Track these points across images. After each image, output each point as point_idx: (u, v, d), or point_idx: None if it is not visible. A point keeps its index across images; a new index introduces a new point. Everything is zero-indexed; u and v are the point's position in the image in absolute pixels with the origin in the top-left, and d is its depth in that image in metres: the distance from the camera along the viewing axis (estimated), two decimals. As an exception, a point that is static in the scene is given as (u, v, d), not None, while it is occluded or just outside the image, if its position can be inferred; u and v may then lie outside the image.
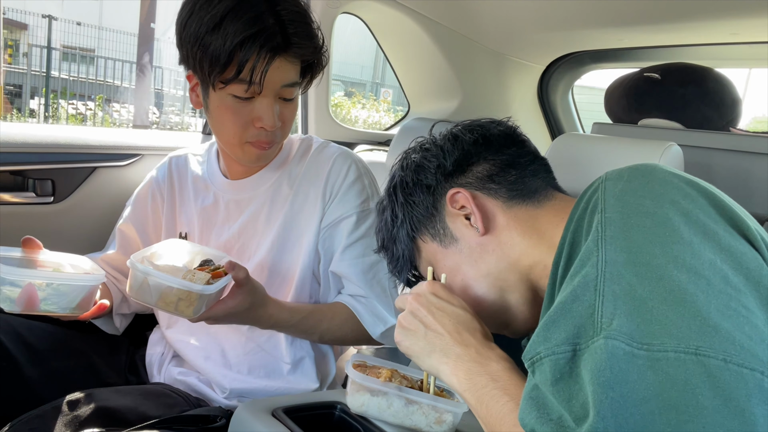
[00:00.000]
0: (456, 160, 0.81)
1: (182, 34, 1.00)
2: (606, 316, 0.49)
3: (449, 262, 0.81)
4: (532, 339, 0.55)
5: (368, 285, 1.14)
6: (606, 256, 0.53)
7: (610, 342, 0.48)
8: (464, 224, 0.79)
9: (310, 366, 1.17)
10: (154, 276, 0.91)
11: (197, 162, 1.26)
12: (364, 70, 14.69)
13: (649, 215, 0.54)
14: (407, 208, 0.84)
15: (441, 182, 0.82)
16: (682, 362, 0.45)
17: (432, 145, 0.85)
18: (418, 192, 0.83)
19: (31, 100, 9.46)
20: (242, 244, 1.16)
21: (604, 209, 0.56)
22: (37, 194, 1.43)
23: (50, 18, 9.50)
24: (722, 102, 1.38)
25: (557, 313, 0.53)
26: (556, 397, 0.51)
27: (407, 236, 0.84)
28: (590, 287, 0.52)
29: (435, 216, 0.82)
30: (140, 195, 1.28)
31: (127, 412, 1.02)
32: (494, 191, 0.79)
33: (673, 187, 0.56)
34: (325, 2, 1.74)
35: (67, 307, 0.97)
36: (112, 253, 1.26)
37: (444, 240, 0.81)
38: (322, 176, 1.15)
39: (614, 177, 0.60)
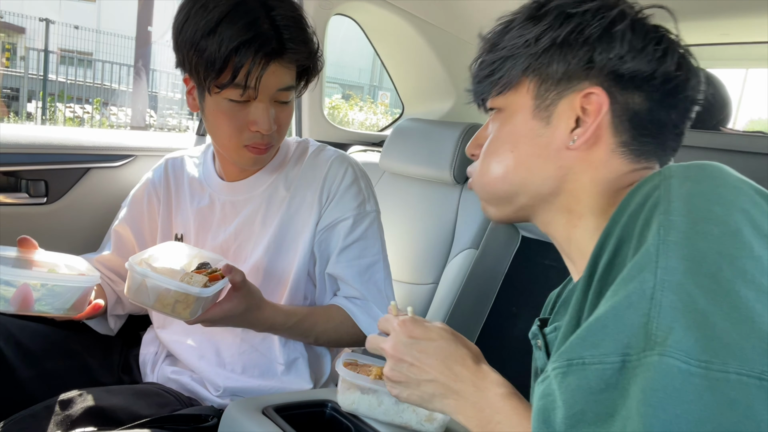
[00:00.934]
0: (636, 71, 0.64)
1: (178, 39, 1.01)
2: (662, 328, 0.46)
3: (521, 128, 0.69)
4: (574, 340, 0.51)
5: (364, 286, 1.15)
6: (667, 263, 0.49)
7: (665, 359, 0.45)
8: (568, 124, 0.66)
9: (304, 367, 1.17)
10: (151, 278, 0.91)
11: (193, 164, 1.27)
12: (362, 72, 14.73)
13: (718, 224, 0.50)
14: (554, 50, 0.66)
15: (603, 72, 0.65)
16: (745, 385, 0.43)
17: (645, 30, 0.66)
18: (580, 52, 0.65)
19: (28, 104, 9.46)
20: (238, 246, 1.17)
21: (668, 211, 0.51)
22: (30, 195, 1.43)
23: (48, 21, 9.51)
24: (712, 101, 1.39)
25: (608, 318, 0.50)
26: (595, 408, 0.48)
27: (522, 69, 0.68)
28: (646, 295, 0.48)
29: (560, 85, 0.66)
30: (136, 196, 1.28)
31: (119, 411, 1.02)
32: (621, 130, 0.66)
33: (744, 195, 0.52)
34: (318, 3, 1.74)
35: (62, 307, 0.97)
36: (107, 254, 1.26)
37: (540, 110, 0.68)
38: (318, 179, 1.15)
39: (680, 175, 0.54)
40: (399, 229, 1.62)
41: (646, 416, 0.44)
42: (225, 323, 1.02)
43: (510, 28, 0.70)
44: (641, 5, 0.68)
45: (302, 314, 1.11)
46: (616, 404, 0.47)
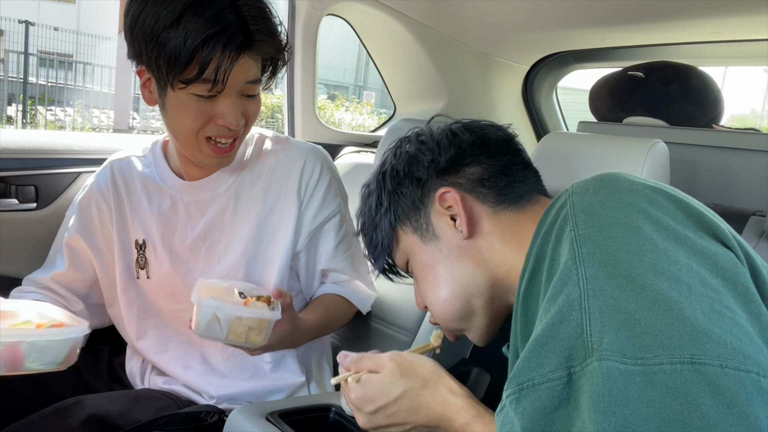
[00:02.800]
0: (451, 158, 0.79)
1: (134, 29, 0.94)
2: (595, 334, 0.48)
3: (425, 257, 0.79)
4: (520, 364, 0.53)
5: (355, 272, 1.23)
6: (586, 272, 0.51)
7: (604, 363, 0.46)
8: (448, 224, 0.77)
9: (293, 361, 1.17)
10: (225, 309, 0.91)
11: (142, 163, 1.19)
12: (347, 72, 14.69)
13: (620, 226, 0.53)
14: (394, 197, 0.82)
15: (432, 178, 0.80)
16: (680, 373, 0.44)
17: (429, 138, 0.82)
18: (408, 183, 0.81)
19: (8, 107, 9.30)
20: (209, 246, 1.14)
21: (576, 226, 0.55)
22: (20, 201, 1.39)
23: (27, 23, 9.36)
24: (705, 99, 1.41)
25: (546, 335, 0.51)
26: (552, 427, 0.49)
27: (389, 225, 0.83)
28: (575, 306, 0.50)
29: (420, 210, 0.80)
30: (82, 205, 1.20)
31: (117, 417, 1.01)
32: (483, 195, 0.77)
33: (639, 195, 0.56)
34: (310, 4, 1.73)
35: (53, 362, 0.91)
36: (62, 271, 1.18)
37: (425, 235, 0.79)
38: (294, 174, 1.14)
39: (580, 191, 0.59)
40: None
41: (599, 422, 0.45)
42: (278, 347, 1.03)
43: (361, 213, 0.88)
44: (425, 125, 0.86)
45: (322, 318, 1.14)
46: (571, 418, 0.48)
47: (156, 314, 1.18)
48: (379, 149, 1.68)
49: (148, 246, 1.16)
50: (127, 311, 1.20)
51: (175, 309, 1.16)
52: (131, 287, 1.18)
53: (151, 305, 1.18)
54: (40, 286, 1.18)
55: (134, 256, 1.17)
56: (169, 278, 1.16)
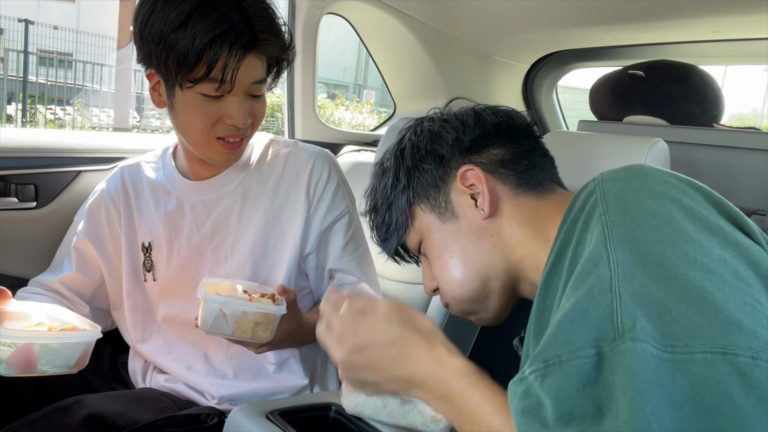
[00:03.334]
0: (475, 137, 0.79)
1: (143, 32, 0.97)
2: (627, 317, 0.48)
3: (442, 236, 0.78)
4: (547, 340, 0.52)
5: (363, 273, 1.21)
6: (617, 257, 0.51)
7: (638, 345, 0.46)
8: (469, 203, 0.77)
9: (296, 364, 1.17)
10: (231, 305, 0.91)
11: (151, 168, 1.22)
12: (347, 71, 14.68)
13: (653, 215, 0.53)
14: (414, 174, 0.80)
15: (455, 155, 0.79)
16: (710, 363, 0.44)
17: (452, 117, 0.82)
18: (430, 160, 0.79)
19: (8, 106, 9.30)
20: (216, 246, 1.15)
21: (606, 212, 0.55)
22: (20, 200, 1.39)
23: (27, 22, 9.36)
24: (705, 98, 1.41)
25: (575, 314, 0.51)
26: (582, 405, 0.49)
27: (406, 202, 0.81)
28: (605, 287, 0.50)
29: (440, 188, 0.79)
30: (92, 209, 1.22)
31: (117, 417, 1.01)
32: (504, 177, 0.77)
33: (672, 186, 0.56)
34: (311, 3, 1.73)
35: (65, 365, 0.91)
36: (70, 274, 1.20)
37: (444, 214, 0.78)
38: (303, 176, 1.15)
39: (611, 178, 0.59)
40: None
41: (634, 401, 0.45)
42: (281, 345, 1.03)
43: (373, 191, 0.86)
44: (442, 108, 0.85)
45: None
46: (601, 398, 0.48)
47: (161, 316, 1.19)
48: (380, 148, 1.68)
49: (154, 248, 1.17)
50: (132, 314, 1.21)
51: (181, 310, 1.16)
52: (137, 290, 1.19)
53: (157, 308, 1.19)
54: (47, 288, 1.19)
55: (141, 260, 1.18)
56: (176, 279, 1.16)
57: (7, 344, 0.85)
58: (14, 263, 1.38)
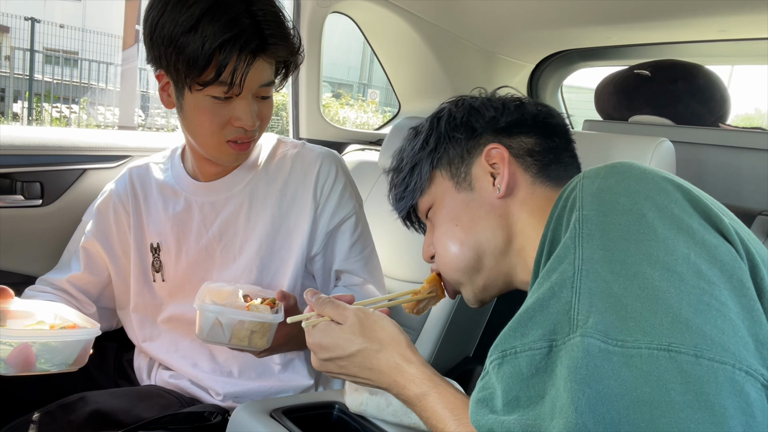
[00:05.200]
0: (511, 121, 0.81)
1: (153, 34, 0.98)
2: (582, 313, 0.50)
3: (454, 204, 0.81)
4: (506, 332, 0.56)
5: (369, 274, 1.22)
6: (583, 253, 0.53)
7: (586, 339, 0.49)
8: (488, 180, 0.79)
9: (301, 364, 1.17)
10: (226, 314, 0.92)
11: (160, 170, 1.22)
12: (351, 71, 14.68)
13: (624, 212, 0.55)
14: (443, 140, 0.83)
15: (487, 132, 0.81)
16: (655, 358, 0.46)
17: (495, 99, 0.85)
18: (462, 130, 0.82)
19: (14, 104, 9.34)
20: (224, 246, 1.15)
21: (582, 207, 0.57)
22: (26, 197, 1.40)
23: (33, 20, 9.39)
24: (712, 98, 1.40)
25: (534, 309, 0.54)
26: (527, 392, 0.52)
27: (429, 165, 0.84)
28: (567, 284, 0.53)
29: (465, 159, 0.82)
30: (101, 210, 1.22)
31: (120, 414, 1.02)
32: (527, 165, 0.79)
33: (648, 183, 0.57)
34: (316, 2, 1.73)
35: (64, 363, 0.92)
36: (78, 273, 1.20)
37: (461, 184, 0.81)
38: (310, 177, 1.15)
39: (591, 175, 0.61)
40: (399, 228, 1.61)
41: (573, 391, 0.47)
42: (283, 348, 1.04)
43: (402, 151, 0.89)
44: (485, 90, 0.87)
45: None
46: (545, 386, 0.51)
47: (168, 316, 1.19)
48: (384, 147, 1.68)
49: (162, 249, 1.18)
50: (139, 313, 1.21)
51: (188, 309, 1.16)
52: (146, 290, 1.20)
53: (165, 307, 1.20)
54: (55, 287, 1.20)
55: (150, 260, 1.19)
56: (185, 280, 1.17)
57: (7, 344, 0.85)
58: (20, 260, 1.39)
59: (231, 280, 1.12)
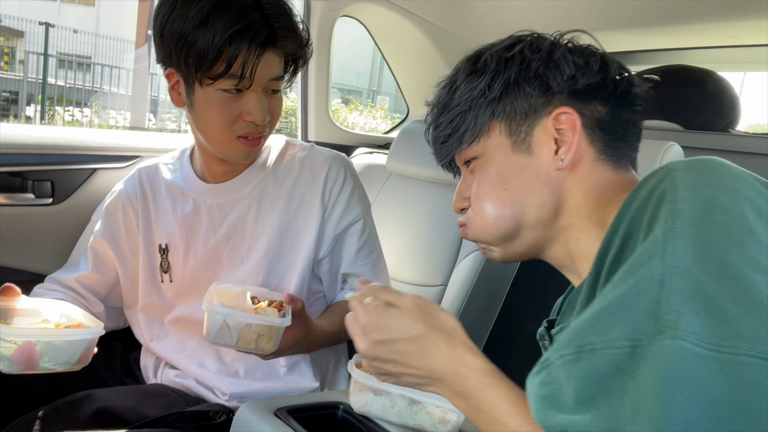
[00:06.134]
0: (591, 85, 0.70)
1: (163, 32, 0.99)
2: (672, 313, 0.47)
3: (505, 165, 0.72)
4: (582, 326, 0.52)
5: (376, 278, 1.21)
6: (674, 249, 0.50)
7: (677, 342, 0.45)
8: (550, 147, 0.70)
9: (307, 367, 1.17)
10: (234, 317, 0.91)
11: (169, 170, 1.23)
12: (361, 77, 14.74)
13: (723, 211, 0.51)
14: (510, 90, 0.72)
15: (563, 93, 0.70)
16: (757, 367, 0.44)
17: (578, 51, 0.72)
18: (535, 84, 0.71)
19: (27, 107, 9.45)
20: (232, 248, 1.15)
21: (675, 200, 0.53)
22: (36, 196, 1.41)
23: (47, 25, 9.51)
24: (721, 103, 1.39)
25: (617, 305, 0.51)
26: (605, 393, 0.49)
27: (489, 114, 0.72)
28: (655, 281, 0.49)
29: (529, 117, 0.71)
30: (110, 210, 1.23)
31: (126, 412, 1.02)
32: (596, 137, 0.71)
33: (747, 184, 0.54)
34: (326, 5, 1.74)
35: (67, 362, 0.92)
36: (86, 273, 1.21)
37: (519, 144, 0.72)
38: (319, 180, 1.16)
39: (683, 168, 0.56)
40: (407, 231, 1.61)
41: (662, 397, 0.44)
42: (289, 351, 1.03)
43: (456, 87, 0.76)
44: (563, 32, 0.75)
45: (337, 327, 1.13)
46: (625, 387, 0.48)
47: (175, 316, 1.20)
48: (392, 150, 1.69)
49: (171, 250, 1.18)
50: (146, 313, 1.22)
51: (195, 310, 1.17)
52: (154, 291, 1.20)
53: (172, 308, 1.20)
54: (63, 285, 1.20)
55: (158, 261, 1.19)
56: (192, 281, 1.17)
57: (12, 342, 0.86)
58: (30, 258, 1.40)
59: (238, 281, 1.12)
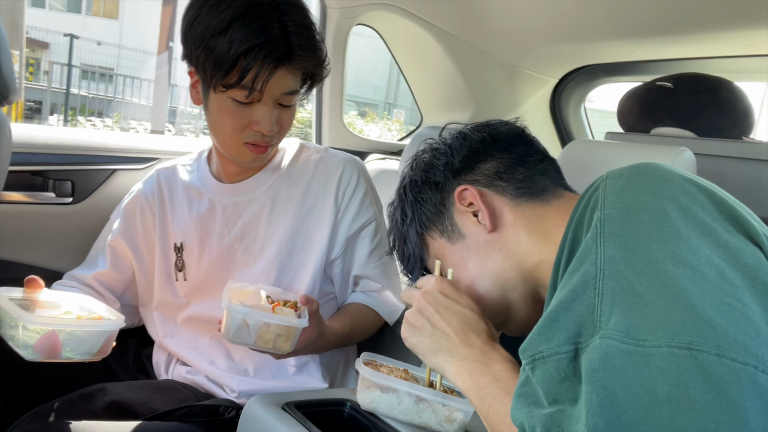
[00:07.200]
0: (464, 157, 0.82)
1: (187, 34, 1.02)
2: (605, 314, 0.50)
3: (456, 257, 0.82)
4: (532, 336, 0.56)
5: (387, 280, 1.23)
6: (605, 253, 0.53)
7: (605, 342, 0.48)
8: (472, 221, 0.80)
9: (316, 368, 1.18)
10: (254, 316, 0.93)
11: (186, 171, 1.26)
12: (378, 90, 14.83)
13: (647, 211, 0.54)
14: (416, 206, 0.85)
15: (449, 179, 0.83)
16: (675, 357, 0.45)
17: (441, 144, 0.86)
18: (427, 189, 0.84)
19: (50, 116, 9.65)
20: (245, 247, 1.17)
21: (604, 206, 0.56)
22: (57, 195, 1.45)
23: (72, 36, 9.74)
24: (735, 111, 1.39)
25: (558, 311, 0.54)
26: (563, 395, 0.52)
27: (416, 234, 0.86)
28: (590, 285, 0.52)
29: (443, 213, 0.83)
30: (128, 209, 1.26)
31: (137, 405, 1.04)
32: (502, 188, 0.80)
33: (673, 184, 0.56)
34: (341, 12, 1.77)
35: (88, 353, 0.94)
36: (104, 270, 1.24)
37: (452, 236, 0.82)
38: (332, 182, 1.17)
39: (615, 175, 0.60)
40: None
41: (588, 393, 0.47)
42: (302, 352, 1.05)
43: (391, 230, 0.92)
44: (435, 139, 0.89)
45: (348, 325, 1.15)
46: (576, 390, 0.51)
47: (188, 314, 1.21)
48: (404, 156, 1.70)
49: (185, 249, 1.20)
50: (160, 311, 1.24)
51: (208, 308, 1.19)
52: (168, 289, 1.23)
53: (185, 306, 1.22)
54: (81, 282, 1.23)
55: (173, 260, 1.22)
56: (206, 279, 1.19)
57: (35, 331, 0.88)
58: (49, 256, 1.43)
59: (251, 280, 1.14)
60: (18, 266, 1.39)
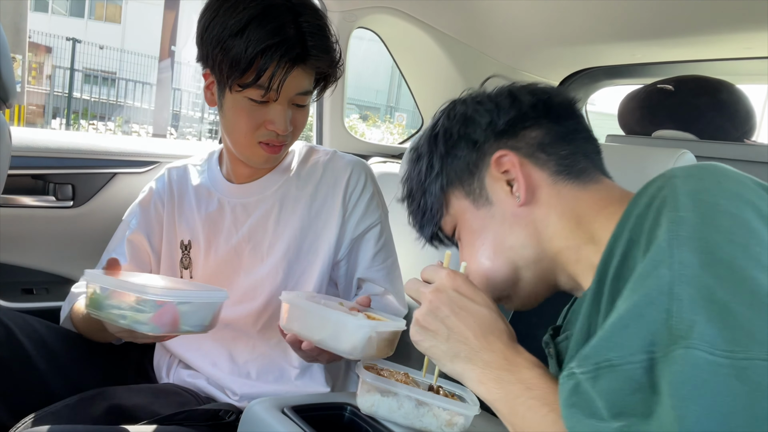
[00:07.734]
0: (510, 120, 0.74)
1: (204, 35, 1.03)
2: (684, 322, 0.46)
3: (476, 223, 0.76)
4: (597, 342, 0.52)
5: (390, 284, 1.22)
6: (681, 257, 0.49)
7: (690, 352, 0.45)
8: (504, 190, 0.73)
9: (319, 372, 1.18)
10: (379, 327, 0.90)
11: (197, 171, 1.27)
12: (379, 94, 14.86)
13: (726, 215, 0.51)
14: (447, 160, 0.77)
15: (489, 140, 0.75)
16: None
17: (486, 99, 0.77)
18: (463, 145, 0.76)
19: (52, 120, 9.68)
20: (253, 248, 1.18)
21: (676, 207, 0.52)
22: (57, 198, 1.45)
23: (74, 41, 9.78)
24: (736, 113, 1.38)
25: (629, 317, 0.50)
26: (632, 408, 0.48)
27: (440, 189, 0.78)
28: (664, 290, 0.48)
29: (474, 173, 0.76)
30: (143, 205, 1.27)
31: (138, 410, 1.03)
32: (543, 162, 0.73)
33: (747, 187, 0.53)
34: (342, 15, 1.77)
35: (201, 325, 0.91)
36: (124, 265, 1.23)
37: (478, 200, 0.76)
38: (340, 185, 1.18)
39: (683, 175, 0.56)
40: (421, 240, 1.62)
41: (679, 409, 0.44)
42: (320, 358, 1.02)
43: (408, 177, 0.84)
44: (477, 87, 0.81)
45: None
46: (650, 403, 0.47)
47: None
48: (404, 159, 1.70)
49: (193, 247, 1.21)
50: None
51: None
52: None
53: None
54: None
55: (179, 257, 1.22)
56: (212, 278, 1.20)
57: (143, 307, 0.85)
58: (50, 260, 1.43)
59: (257, 281, 1.15)
60: (18, 270, 1.39)
